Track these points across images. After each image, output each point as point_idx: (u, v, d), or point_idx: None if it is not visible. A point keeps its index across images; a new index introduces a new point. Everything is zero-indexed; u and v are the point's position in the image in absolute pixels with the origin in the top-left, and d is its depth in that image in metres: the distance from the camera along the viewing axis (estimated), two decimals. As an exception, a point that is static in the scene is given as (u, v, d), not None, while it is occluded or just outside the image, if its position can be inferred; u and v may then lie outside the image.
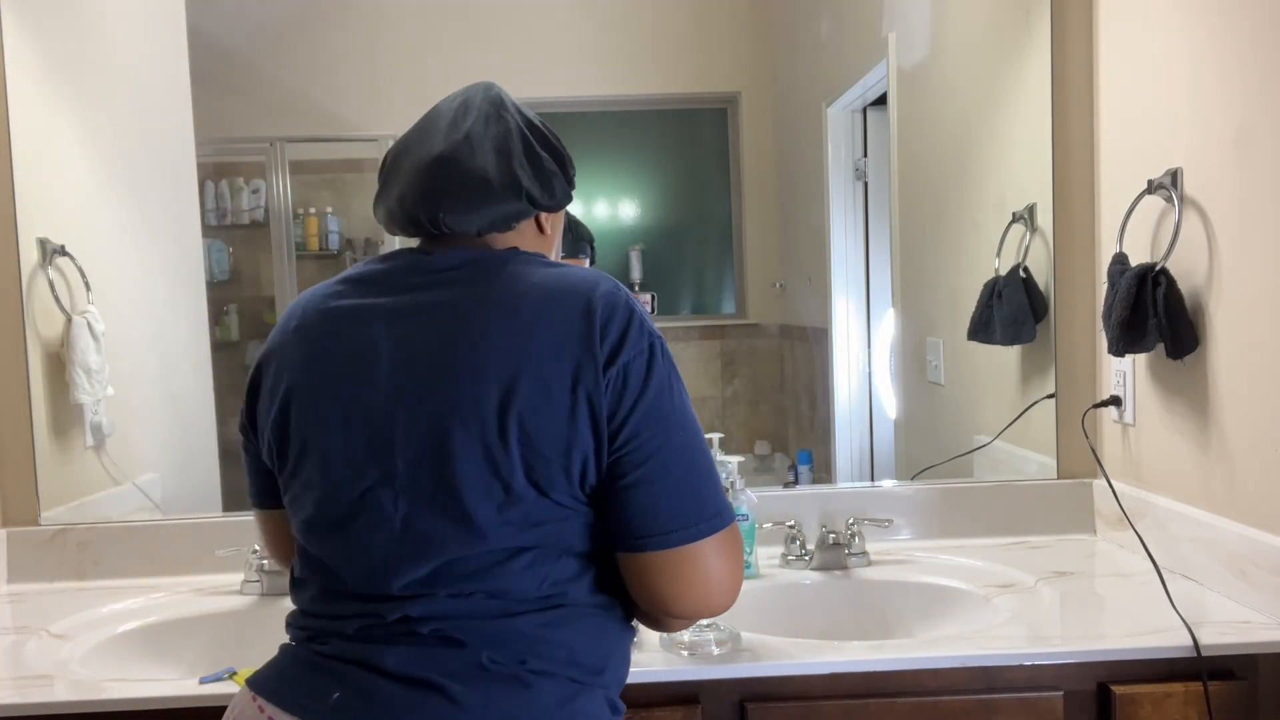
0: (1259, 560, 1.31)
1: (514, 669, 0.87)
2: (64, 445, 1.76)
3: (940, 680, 1.23)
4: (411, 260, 0.95)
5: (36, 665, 1.30)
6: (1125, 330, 1.46)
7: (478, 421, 0.85)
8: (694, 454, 0.90)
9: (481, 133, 0.97)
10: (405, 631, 0.88)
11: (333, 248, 1.99)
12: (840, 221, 2.00)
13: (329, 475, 0.90)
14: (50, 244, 1.73)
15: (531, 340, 0.86)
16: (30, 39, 1.72)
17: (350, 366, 0.90)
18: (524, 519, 0.87)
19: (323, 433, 0.90)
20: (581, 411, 0.85)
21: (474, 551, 0.87)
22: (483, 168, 0.95)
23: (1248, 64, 1.31)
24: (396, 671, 0.86)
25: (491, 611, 0.88)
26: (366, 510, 0.89)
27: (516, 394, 0.85)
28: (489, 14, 1.94)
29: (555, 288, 0.89)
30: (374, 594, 0.89)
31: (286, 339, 0.95)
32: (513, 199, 0.96)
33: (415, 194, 0.95)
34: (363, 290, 0.94)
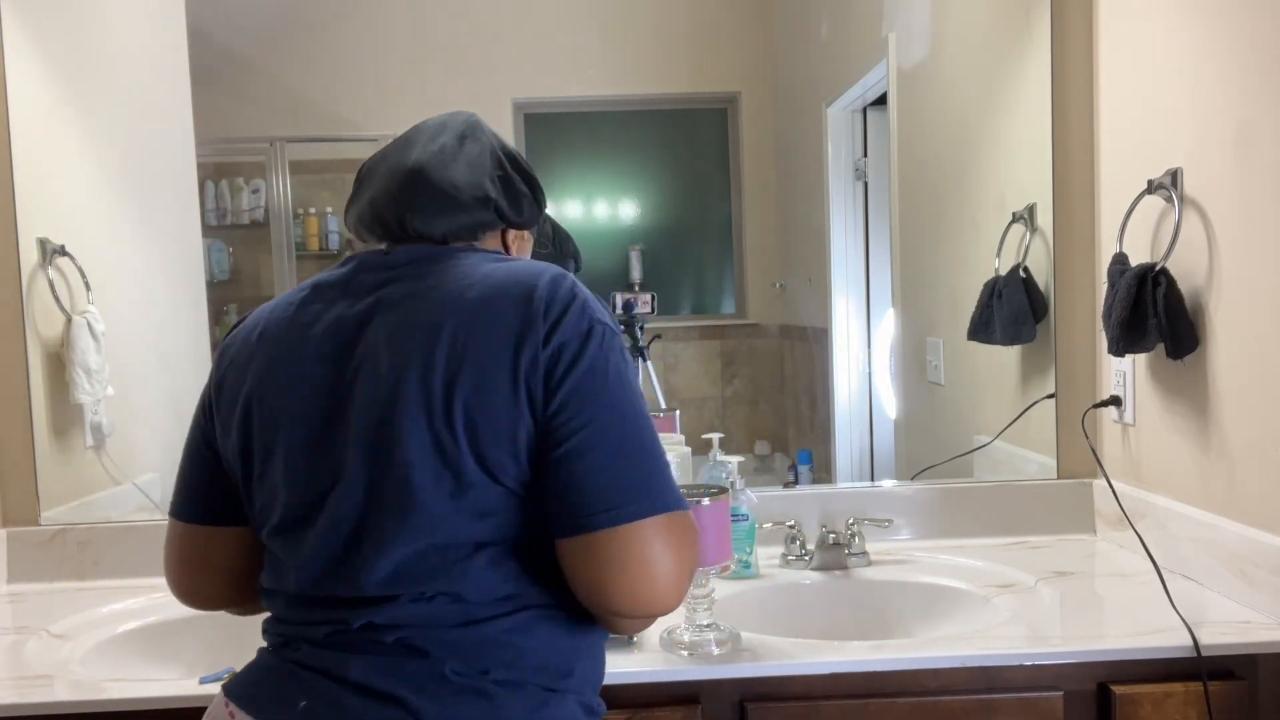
0: (1259, 560, 1.31)
1: (476, 680, 0.87)
2: (64, 445, 1.76)
3: (940, 680, 1.23)
4: (370, 259, 0.97)
5: (36, 665, 1.30)
6: (1125, 330, 1.46)
7: (424, 410, 0.85)
8: (629, 434, 0.87)
9: (455, 147, 1.01)
10: (370, 640, 0.88)
11: (333, 248, 1.99)
12: (840, 221, 2.00)
13: (290, 479, 0.91)
14: (50, 244, 1.73)
15: (476, 327, 0.87)
16: (31, 39, 1.72)
17: (309, 370, 0.92)
18: (476, 507, 0.86)
19: (283, 437, 0.91)
20: (521, 392, 0.86)
21: (429, 543, 0.86)
22: (453, 178, 0.98)
23: (1248, 64, 1.31)
24: (360, 681, 0.86)
25: (455, 618, 0.87)
26: (325, 511, 0.89)
27: (461, 381, 0.85)
28: (489, 14, 1.94)
29: (503, 278, 0.91)
30: (338, 598, 0.89)
31: (250, 349, 0.96)
32: (480, 210, 0.99)
33: (385, 198, 0.98)
34: (324, 294, 0.96)
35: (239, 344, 0.98)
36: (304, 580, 0.91)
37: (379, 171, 1.01)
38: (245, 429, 0.94)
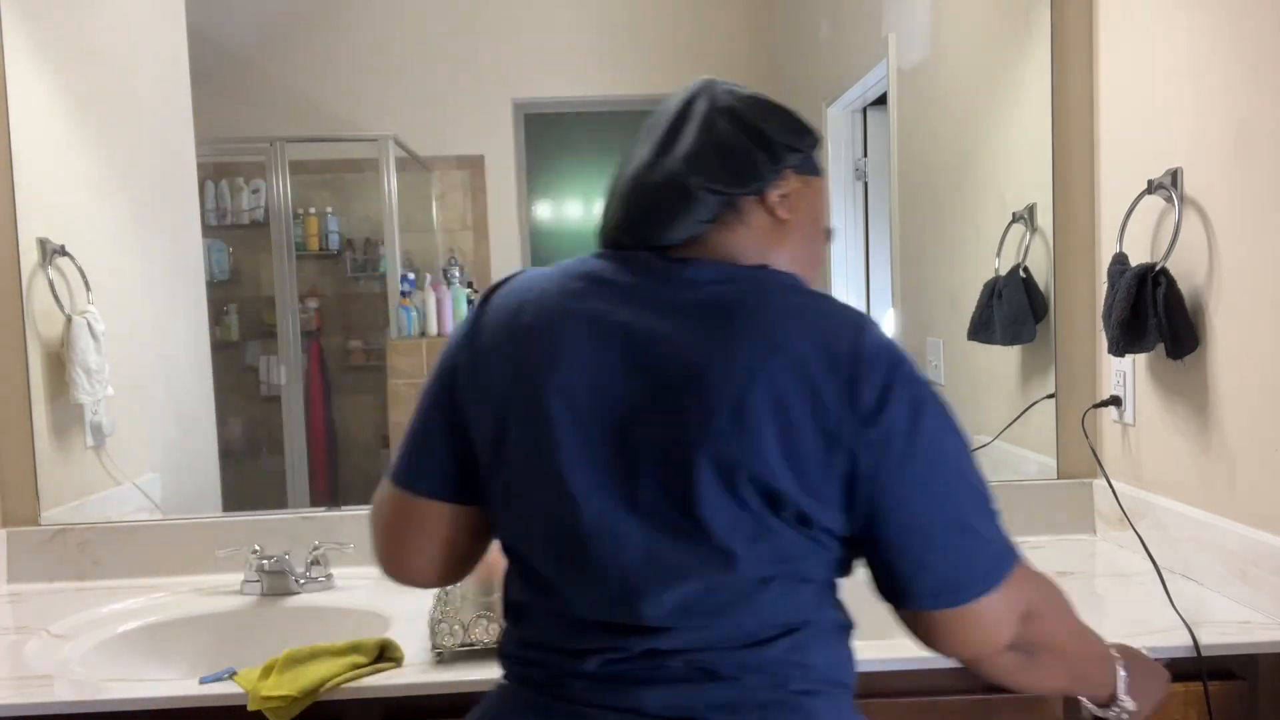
0: (1259, 560, 1.31)
1: (778, 694, 0.84)
2: (64, 445, 1.76)
3: (940, 680, 1.23)
4: (658, 268, 0.87)
5: (36, 665, 1.30)
6: (1125, 330, 1.46)
7: (730, 455, 0.79)
8: (963, 508, 0.84)
9: (664, 141, 0.91)
10: (655, 666, 0.83)
11: (333, 248, 1.99)
12: (840, 221, 2.00)
13: (562, 493, 0.83)
14: (50, 244, 1.73)
15: (794, 375, 0.80)
16: (31, 39, 1.72)
17: (593, 379, 0.83)
18: (776, 553, 0.82)
19: (556, 446, 0.83)
20: (841, 458, 0.80)
21: (721, 580, 0.82)
22: (658, 178, 0.88)
23: (1248, 64, 1.31)
24: (659, 712, 0.82)
25: (739, 640, 0.83)
26: (604, 535, 0.82)
27: (774, 431, 0.79)
28: (489, 14, 1.94)
29: (819, 324, 0.83)
30: (615, 623, 0.84)
31: (517, 332, 0.87)
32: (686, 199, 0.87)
33: (619, 222, 0.90)
34: (605, 295, 0.86)
35: (503, 323, 0.88)
36: (582, 605, 0.85)
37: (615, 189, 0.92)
38: (501, 428, 0.86)
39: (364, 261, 2.01)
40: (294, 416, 2.00)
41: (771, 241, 0.91)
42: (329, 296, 2.01)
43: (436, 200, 2.00)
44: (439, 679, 1.20)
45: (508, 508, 0.88)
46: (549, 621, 0.87)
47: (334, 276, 2.01)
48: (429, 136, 1.98)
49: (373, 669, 1.21)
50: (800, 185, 0.94)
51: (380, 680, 1.20)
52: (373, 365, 2.00)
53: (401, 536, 0.94)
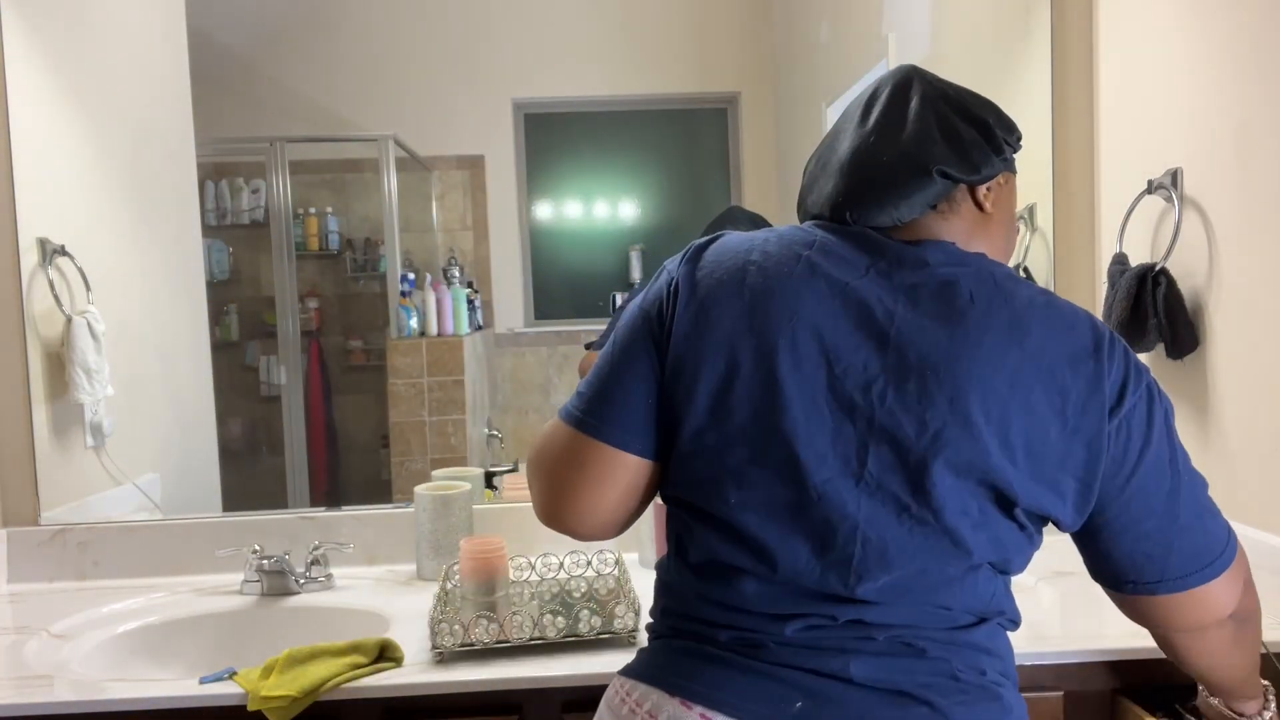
0: (1259, 560, 1.31)
1: (980, 679, 0.85)
2: (64, 445, 1.76)
3: (940, 680, 1.23)
4: (887, 246, 0.88)
5: (36, 665, 1.30)
6: (1125, 330, 1.46)
7: (967, 442, 0.81)
8: (1187, 499, 0.88)
9: (884, 122, 0.91)
10: (860, 637, 0.84)
11: (333, 248, 1.99)
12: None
13: (789, 455, 0.83)
14: (50, 244, 1.73)
15: (1038, 369, 0.82)
16: (30, 39, 1.72)
17: (827, 345, 0.83)
18: (992, 543, 0.84)
19: (784, 408, 0.83)
20: (1078, 453, 0.83)
21: (937, 564, 0.83)
22: (888, 157, 0.89)
23: (1247, 64, 1.31)
24: (866, 681, 0.82)
25: (943, 622, 0.85)
26: (826, 503, 0.83)
27: (1014, 421, 0.81)
28: (489, 14, 1.94)
29: (1057, 318, 0.85)
30: (826, 592, 0.84)
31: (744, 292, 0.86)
32: (923, 180, 0.88)
33: (834, 196, 0.91)
34: (838, 265, 0.86)
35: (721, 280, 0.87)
36: (794, 570, 0.84)
37: (831, 166, 0.93)
38: (727, 381, 0.84)
39: (364, 261, 2.01)
40: (294, 416, 2.00)
41: (976, 233, 0.92)
42: (329, 296, 2.01)
43: (436, 200, 2.00)
44: (439, 679, 1.20)
45: (720, 464, 0.85)
46: (752, 583, 0.85)
47: (334, 276, 2.01)
48: (429, 136, 1.98)
49: (373, 669, 1.21)
50: (1004, 180, 0.94)
51: (380, 680, 1.20)
52: (373, 365, 2.00)
53: (589, 489, 0.90)
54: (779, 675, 0.83)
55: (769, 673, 0.84)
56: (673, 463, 0.89)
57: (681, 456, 0.88)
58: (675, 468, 0.89)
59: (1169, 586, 0.88)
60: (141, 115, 1.89)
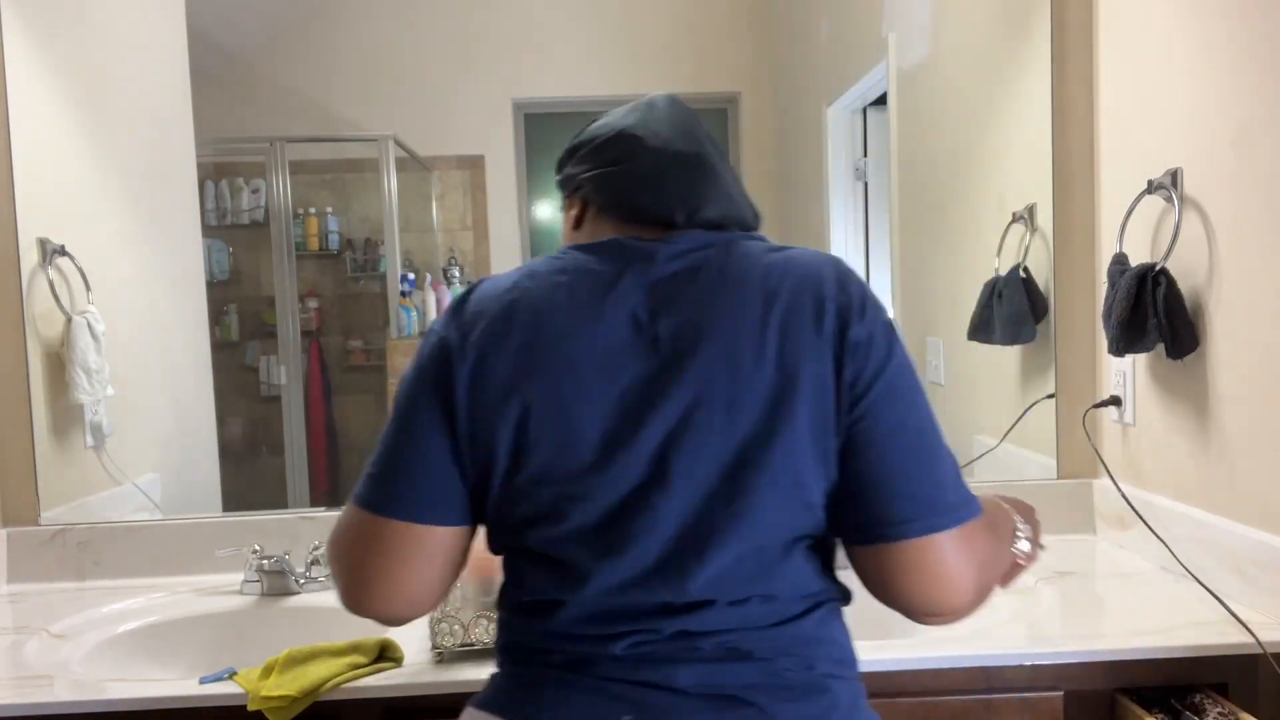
0: (1259, 560, 1.31)
1: (808, 675, 0.85)
2: (64, 445, 1.76)
3: (940, 680, 1.23)
4: (638, 249, 0.90)
5: (36, 665, 1.30)
6: (1125, 330, 1.46)
7: (757, 404, 0.82)
8: (931, 440, 0.86)
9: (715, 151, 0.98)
10: (687, 648, 0.84)
11: (333, 248, 1.99)
12: (840, 221, 2.00)
13: (594, 480, 0.84)
14: (50, 244, 1.73)
15: (796, 318, 0.84)
16: (31, 39, 1.72)
17: (602, 362, 0.85)
18: (804, 500, 0.84)
19: (578, 435, 0.84)
20: (830, 385, 0.83)
21: (755, 545, 0.83)
22: (729, 179, 0.96)
23: (1247, 64, 1.31)
24: (693, 689, 0.83)
25: (770, 618, 0.85)
26: (637, 514, 0.83)
27: (790, 373, 0.82)
28: (489, 14, 1.94)
29: (803, 265, 0.88)
30: (644, 607, 0.84)
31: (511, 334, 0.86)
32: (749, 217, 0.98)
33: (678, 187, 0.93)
34: (598, 281, 0.88)
35: (490, 328, 0.87)
36: (609, 589, 0.84)
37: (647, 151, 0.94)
38: (525, 424, 0.84)
39: (364, 261, 2.01)
40: (294, 416, 2.00)
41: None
42: (329, 296, 2.01)
43: (436, 200, 2.00)
44: (439, 679, 1.20)
45: (531, 504, 0.86)
46: (576, 609, 0.86)
47: (334, 276, 2.01)
48: (429, 136, 1.98)
49: (373, 669, 1.21)
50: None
51: (380, 680, 1.20)
52: (373, 365, 2.00)
53: (392, 571, 0.88)
54: (609, 690, 0.84)
55: (599, 688, 0.84)
56: (489, 515, 0.89)
57: (495, 506, 0.88)
58: (492, 518, 0.89)
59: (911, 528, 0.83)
60: (141, 115, 1.89)
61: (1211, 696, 1.21)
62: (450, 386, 0.87)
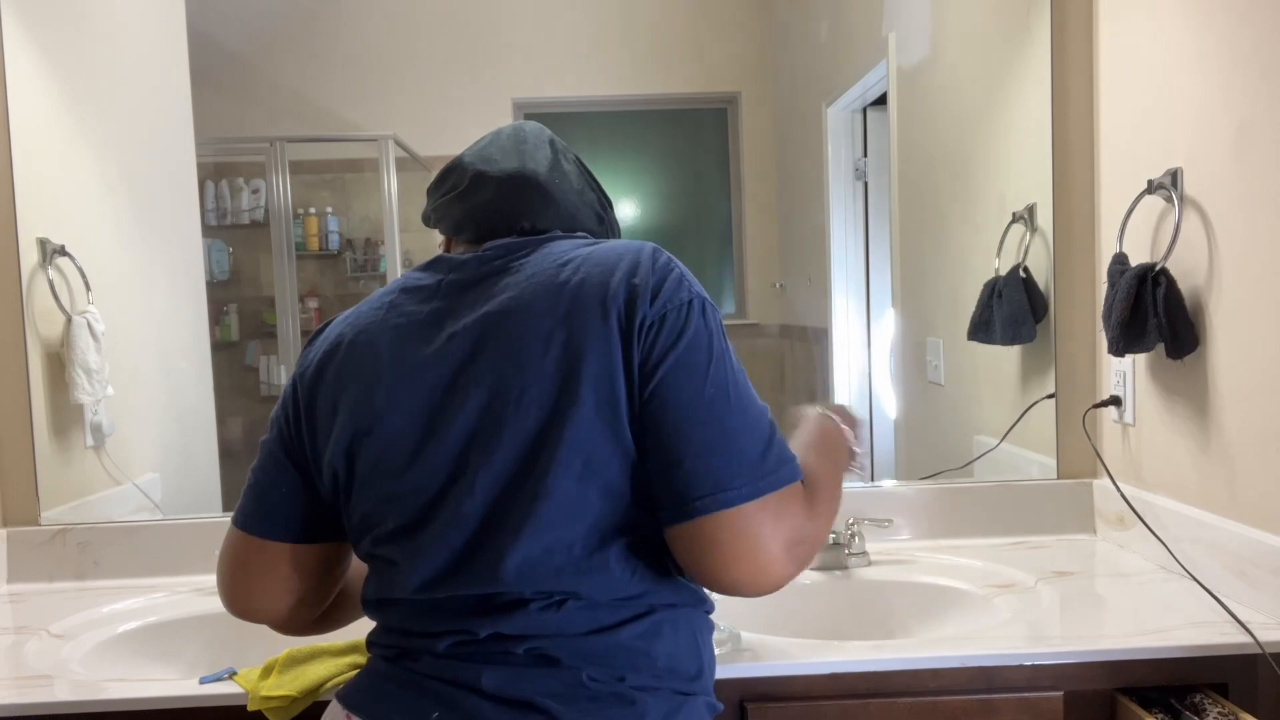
0: (1259, 560, 1.31)
1: (614, 686, 0.86)
2: (64, 445, 1.76)
3: (940, 680, 1.23)
4: (460, 259, 0.96)
5: (36, 665, 1.30)
6: (1125, 330, 1.46)
7: (550, 396, 0.85)
8: (734, 408, 0.85)
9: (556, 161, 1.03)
10: (499, 651, 0.87)
11: (333, 248, 1.99)
12: (840, 221, 2.00)
13: (410, 478, 0.89)
14: (50, 244, 1.73)
15: (586, 306, 0.86)
16: (31, 39, 1.72)
17: (418, 369, 0.90)
18: (604, 485, 0.85)
19: (393, 439, 0.89)
20: (633, 361, 0.85)
21: (558, 535, 0.85)
22: (566, 192, 1.01)
23: (1248, 64, 1.31)
24: (495, 692, 0.85)
25: (585, 625, 0.86)
26: (445, 508, 0.87)
27: (580, 360, 0.85)
28: (489, 14, 1.94)
29: (603, 255, 0.91)
30: (462, 604, 0.88)
31: (338, 356, 0.94)
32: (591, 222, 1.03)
33: (499, 205, 0.99)
34: (416, 295, 0.95)
35: (325, 353, 0.95)
36: (425, 582, 0.88)
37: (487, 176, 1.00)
38: (352, 437, 0.91)
39: (364, 261, 2.01)
40: (294, 416, 2.00)
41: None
42: (329, 296, 2.01)
43: (436, 200, 2.00)
44: (439, 679, 1.20)
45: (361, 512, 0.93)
46: (406, 607, 0.91)
47: (334, 276, 2.01)
48: (429, 136, 1.98)
49: (373, 669, 1.21)
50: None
51: (380, 680, 1.19)
52: (373, 365, 2.00)
53: (253, 581, 1.00)
54: (425, 686, 0.88)
55: (418, 684, 0.89)
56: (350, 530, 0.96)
57: (349, 520, 0.95)
58: (350, 532, 0.96)
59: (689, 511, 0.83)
60: (142, 115, 1.89)
61: (1211, 696, 1.21)
62: (296, 414, 0.96)
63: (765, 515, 0.83)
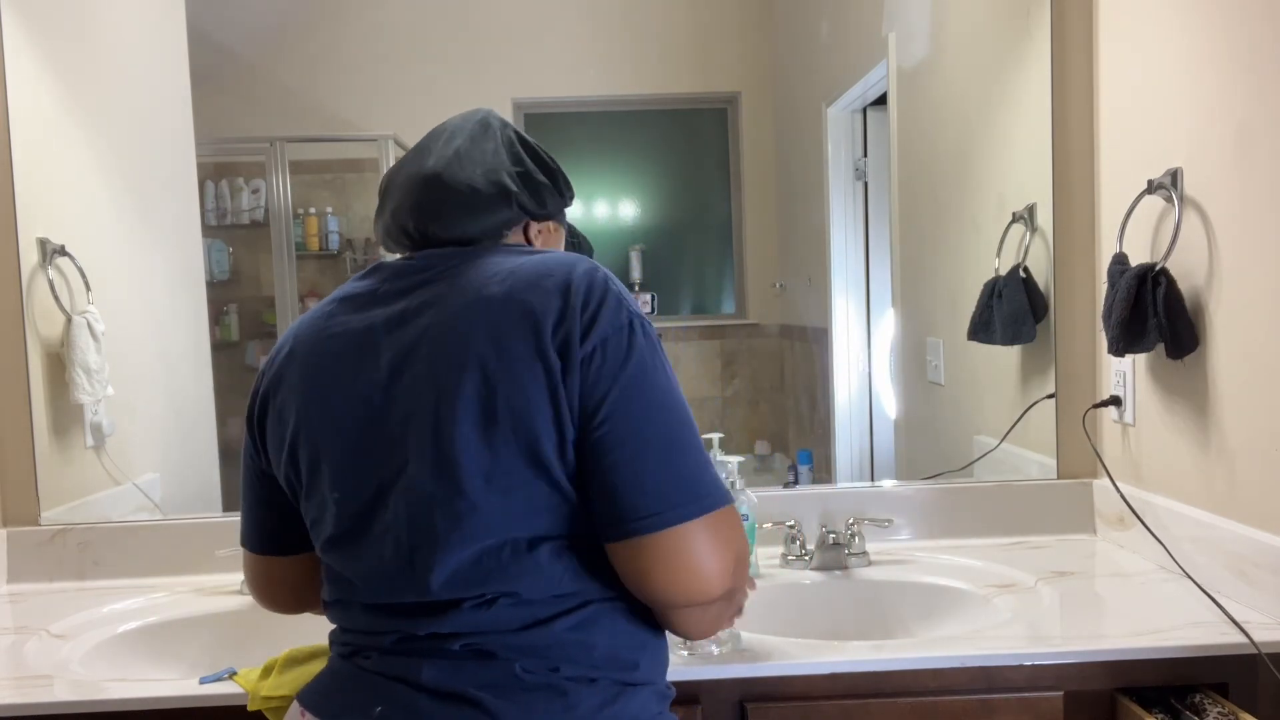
0: (1259, 560, 1.31)
1: (547, 677, 0.87)
2: (64, 445, 1.76)
3: (940, 680, 1.23)
4: (393, 266, 0.98)
5: (36, 665, 1.30)
6: (1125, 330, 1.46)
7: (468, 411, 0.85)
8: (673, 433, 0.87)
9: (469, 147, 1.00)
10: (437, 647, 0.89)
11: (332, 248, 1.99)
12: (840, 221, 2.00)
13: (339, 489, 0.91)
14: (50, 244, 1.73)
15: (509, 324, 0.86)
16: (31, 39, 1.72)
17: (348, 380, 0.92)
18: (528, 505, 0.86)
19: (327, 449, 0.92)
20: (560, 387, 0.85)
21: (485, 545, 0.86)
22: (470, 179, 0.97)
23: (1247, 64, 1.31)
24: (432, 686, 0.87)
25: (518, 620, 0.88)
26: (376, 520, 0.89)
27: (499, 379, 0.85)
28: (489, 14, 1.94)
29: (531, 271, 0.90)
30: (403, 606, 0.90)
31: (284, 367, 0.97)
32: (502, 207, 0.98)
33: (405, 208, 0.99)
34: (351, 305, 0.96)
35: (275, 366, 0.98)
36: (369, 590, 0.91)
37: (398, 182, 1.01)
38: (293, 447, 0.94)
39: (364, 261, 2.01)
40: (294, 416, 2.00)
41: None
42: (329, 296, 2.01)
43: (436, 200, 2.00)
44: (439, 679, 1.20)
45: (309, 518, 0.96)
46: (357, 611, 0.93)
47: (334, 276, 2.01)
48: (429, 136, 1.98)
49: (373, 669, 1.21)
50: (554, 228, 1.06)
51: (380, 680, 1.19)
52: (373, 365, 2.00)
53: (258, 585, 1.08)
54: (371, 682, 0.90)
55: (367, 681, 0.91)
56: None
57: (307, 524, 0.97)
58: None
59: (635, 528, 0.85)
60: (141, 115, 1.89)
61: (1211, 696, 1.21)
62: (258, 430, 0.99)
63: (707, 534, 0.86)
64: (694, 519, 0.86)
